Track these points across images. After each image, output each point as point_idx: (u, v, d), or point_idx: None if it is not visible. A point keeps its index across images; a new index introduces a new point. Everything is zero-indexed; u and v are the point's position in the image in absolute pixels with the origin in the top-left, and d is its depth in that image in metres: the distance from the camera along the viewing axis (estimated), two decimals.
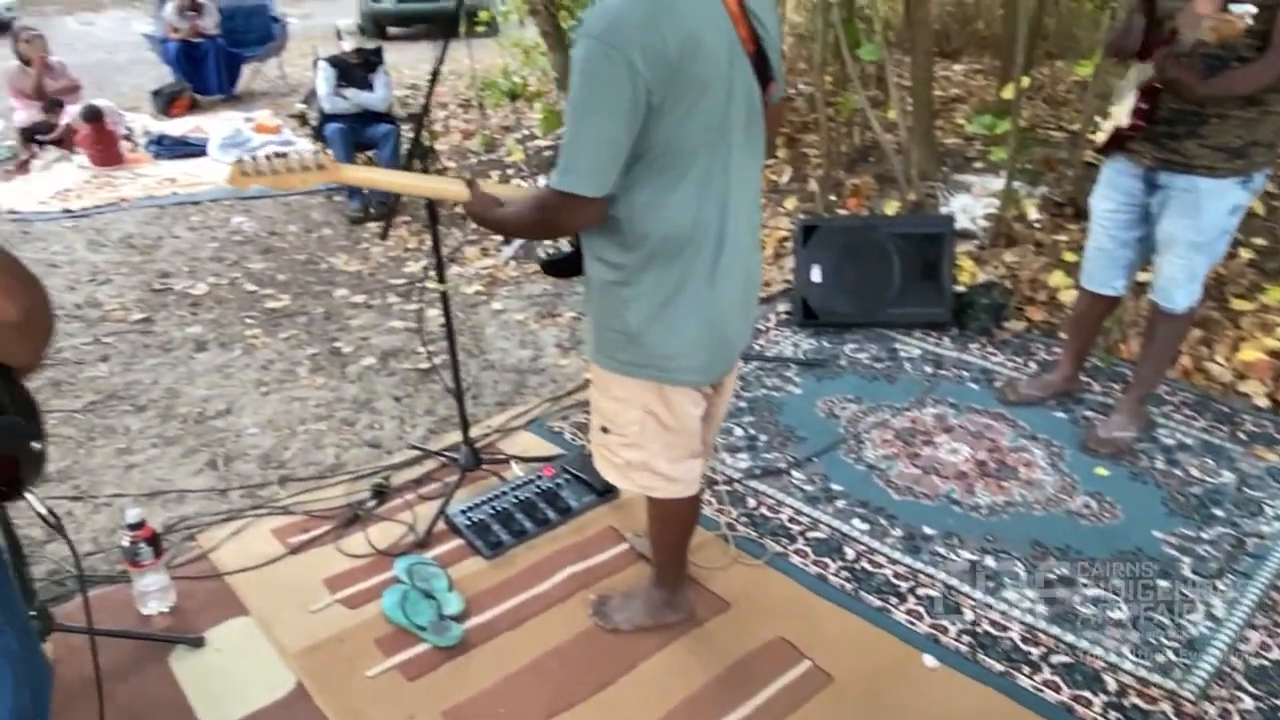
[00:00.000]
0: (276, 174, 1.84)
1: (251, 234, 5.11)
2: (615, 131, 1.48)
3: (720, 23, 1.51)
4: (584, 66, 1.46)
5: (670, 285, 1.65)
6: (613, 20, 1.43)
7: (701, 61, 1.48)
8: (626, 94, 1.45)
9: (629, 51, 1.42)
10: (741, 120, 1.60)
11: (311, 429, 3.06)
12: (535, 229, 1.78)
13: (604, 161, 1.51)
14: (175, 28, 7.86)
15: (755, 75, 1.60)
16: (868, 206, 4.55)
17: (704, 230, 1.62)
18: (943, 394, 3.13)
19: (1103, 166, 2.73)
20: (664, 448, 1.84)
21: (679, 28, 1.44)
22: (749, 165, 1.67)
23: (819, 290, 3.54)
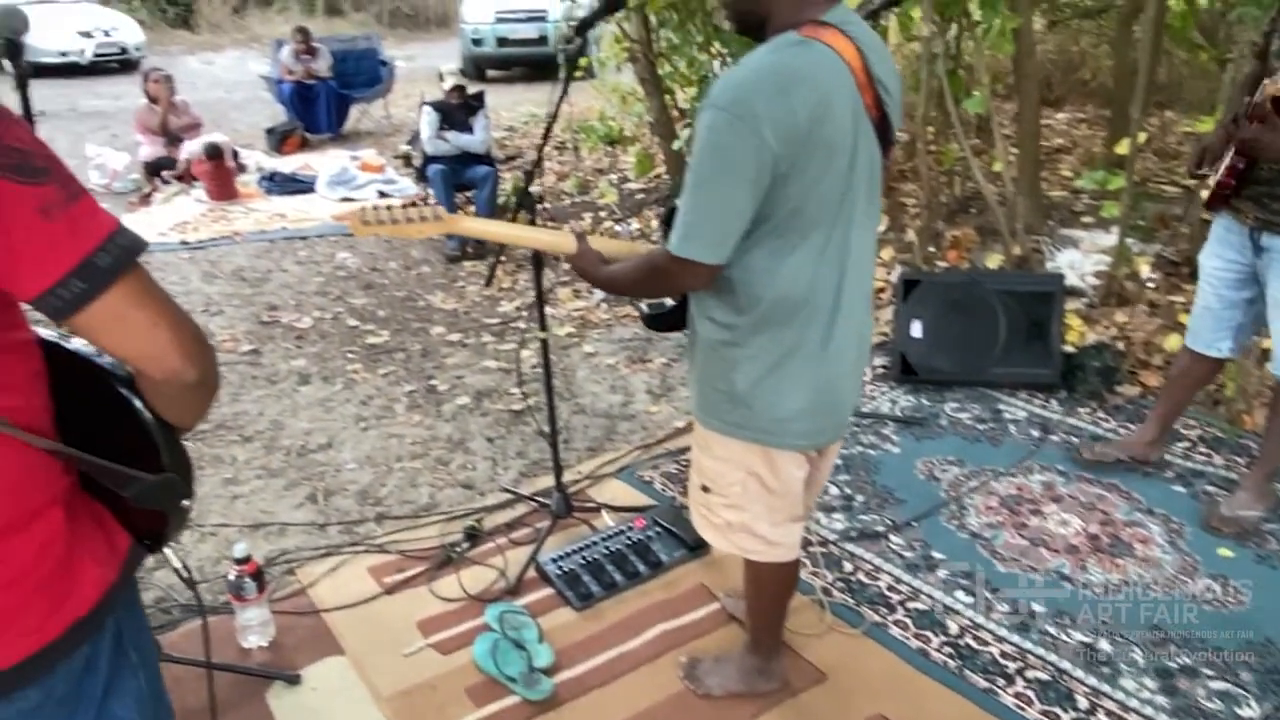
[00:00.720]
0: (396, 224, 1.88)
1: (354, 269, 5.28)
2: (740, 201, 1.48)
3: (847, 90, 1.49)
4: (711, 137, 1.46)
5: (782, 349, 1.62)
6: (744, 92, 1.43)
7: (829, 131, 1.46)
8: (753, 165, 1.44)
9: (759, 124, 1.41)
10: (863, 186, 1.57)
11: (407, 467, 3.11)
12: (644, 289, 1.78)
13: (728, 230, 1.50)
14: (291, 70, 8.26)
15: (878, 140, 1.57)
16: (968, 259, 4.44)
17: (820, 295, 1.59)
18: (1050, 460, 3.00)
19: (1213, 223, 2.62)
20: (766, 510, 1.80)
21: (809, 98, 1.43)
22: (867, 229, 1.64)
23: (919, 346, 3.45)
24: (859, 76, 1.51)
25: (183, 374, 0.93)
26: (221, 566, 2.56)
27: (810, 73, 1.44)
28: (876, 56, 1.54)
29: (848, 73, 1.49)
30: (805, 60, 1.45)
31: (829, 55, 1.47)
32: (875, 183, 1.61)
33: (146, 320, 0.89)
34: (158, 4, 17.44)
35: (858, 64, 1.51)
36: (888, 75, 1.58)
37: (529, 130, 8.94)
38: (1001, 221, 4.05)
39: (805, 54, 1.46)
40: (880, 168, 1.61)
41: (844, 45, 1.49)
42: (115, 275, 0.86)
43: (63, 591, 0.98)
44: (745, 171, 1.45)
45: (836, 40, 1.49)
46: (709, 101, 1.46)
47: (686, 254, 1.51)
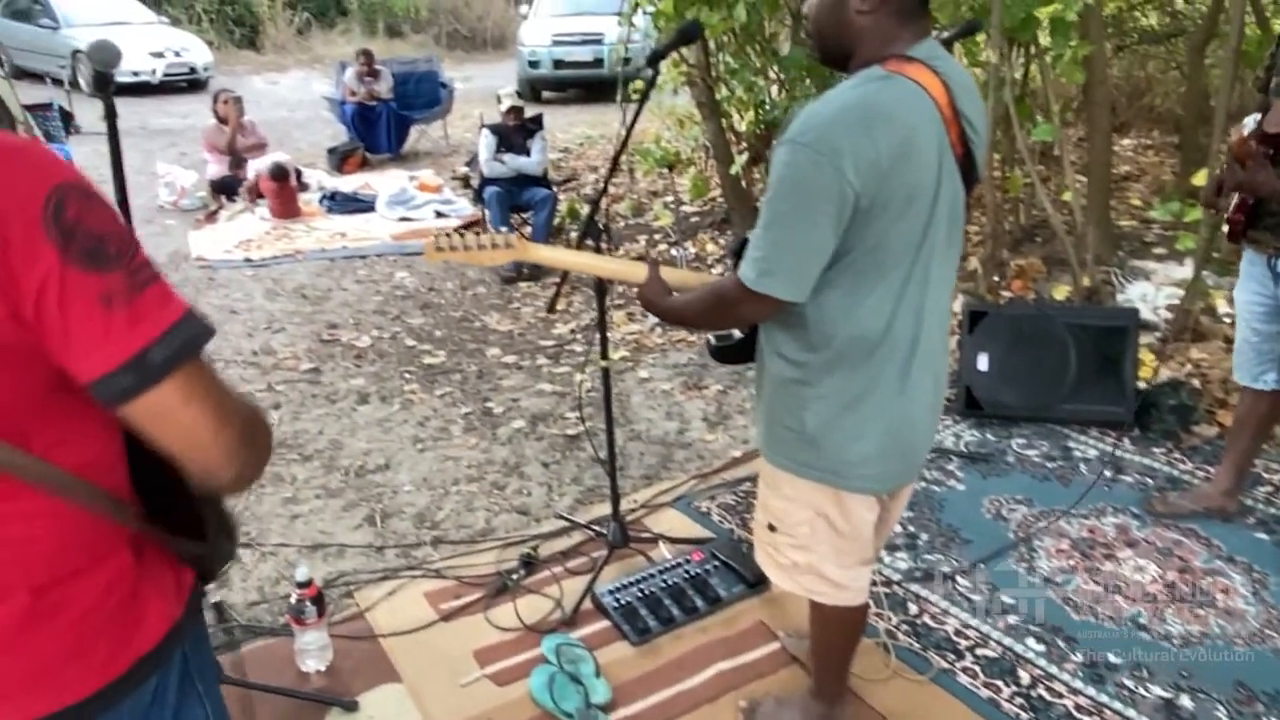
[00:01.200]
0: (469, 250, 1.89)
1: (412, 289, 5.34)
2: (819, 238, 1.44)
3: (932, 127, 1.45)
4: (790, 173, 1.43)
5: (855, 390, 1.58)
6: (826, 128, 1.40)
7: (912, 168, 1.42)
8: (833, 202, 1.41)
9: (840, 160, 1.38)
10: (944, 224, 1.53)
11: (463, 490, 3.11)
12: (709, 320, 1.76)
13: (806, 267, 1.47)
14: (354, 91, 8.42)
15: (961, 177, 1.53)
16: (1034, 289, 4.34)
17: (898, 335, 1.55)
18: (1123, 502, 2.89)
19: (1242, 256, 2.60)
20: (834, 552, 1.75)
21: (893, 134, 1.39)
22: (947, 267, 1.60)
23: (985, 380, 3.36)
24: (945, 113, 1.47)
25: (218, 474, 0.91)
26: (281, 587, 2.57)
27: (894, 109, 1.41)
28: (964, 92, 1.51)
29: (933, 109, 1.45)
30: (889, 96, 1.42)
31: (914, 91, 1.44)
32: (957, 220, 1.57)
33: (190, 420, 0.87)
34: (225, 26, 17.96)
35: (944, 100, 1.47)
36: (974, 112, 1.54)
37: (583, 152, 9.00)
38: (1070, 251, 3.95)
39: (890, 89, 1.43)
40: (963, 205, 1.56)
41: (930, 81, 1.46)
42: (166, 371, 0.83)
43: (131, 627, 1.00)
44: (825, 208, 1.41)
45: (923, 75, 1.45)
46: (789, 136, 1.43)
47: (766, 289, 1.48)
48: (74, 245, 0.78)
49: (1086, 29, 4.11)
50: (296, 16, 18.75)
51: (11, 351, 0.81)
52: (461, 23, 20.59)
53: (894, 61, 1.45)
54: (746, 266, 1.50)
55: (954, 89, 1.48)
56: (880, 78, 1.43)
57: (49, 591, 0.93)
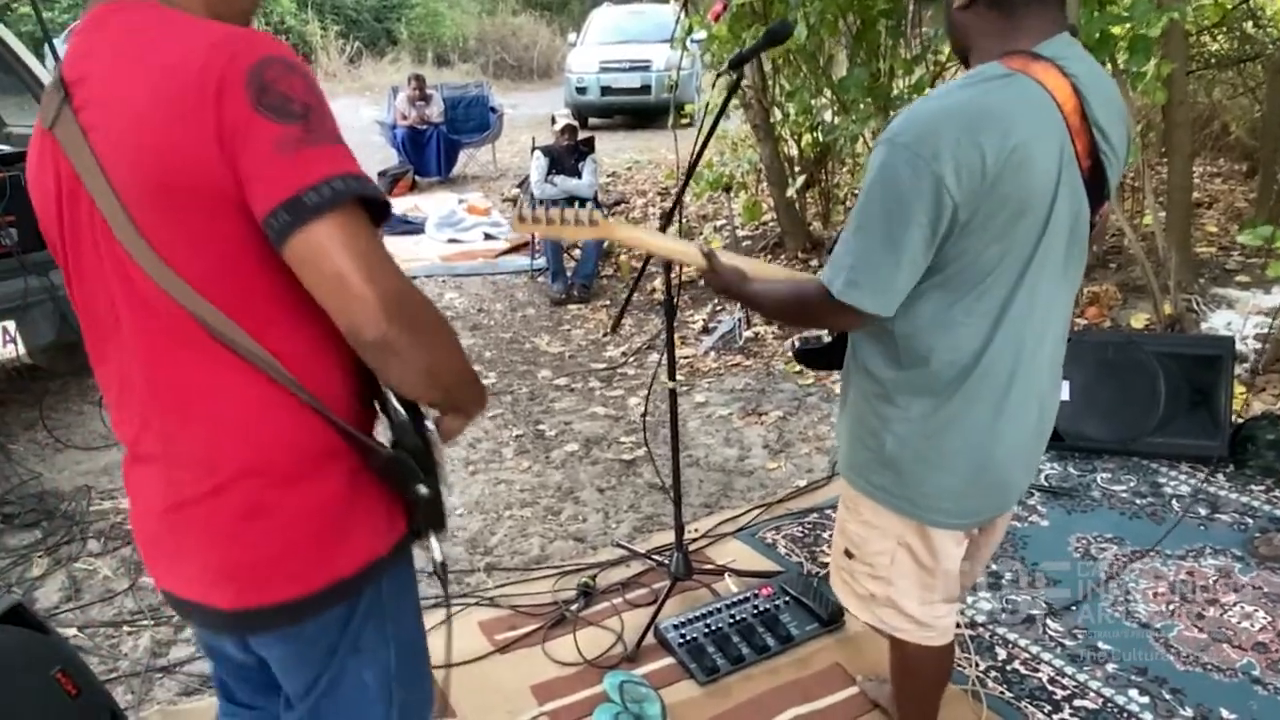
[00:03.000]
0: (553, 224, 1.79)
1: (462, 310, 5.28)
2: (912, 249, 1.31)
3: (1054, 134, 1.31)
4: (885, 174, 1.30)
5: (943, 416, 1.43)
6: (926, 128, 1.28)
7: (1024, 180, 1.29)
8: (930, 211, 1.28)
9: (940, 166, 1.25)
10: (1060, 246, 1.38)
11: (517, 515, 2.99)
12: (790, 318, 1.65)
13: (896, 279, 1.34)
14: (405, 115, 8.48)
15: (1087, 194, 1.39)
16: (1109, 317, 4.14)
17: (994, 362, 1.40)
18: (1222, 542, 2.68)
19: None
20: (917, 587, 1.60)
21: (1004, 141, 1.26)
22: (1061, 294, 1.45)
23: (1067, 410, 3.17)
24: (1071, 120, 1.33)
25: (361, 331, 0.93)
26: None
27: (1007, 111, 1.27)
28: (1099, 99, 1.36)
29: (1057, 114, 1.31)
30: (1003, 97, 1.29)
31: (1035, 93, 1.30)
32: (1078, 241, 1.42)
33: (337, 267, 0.90)
34: None
35: (1071, 105, 1.33)
36: (1110, 120, 1.38)
37: (631, 176, 8.96)
38: (1150, 278, 3.76)
39: (1005, 90, 1.29)
40: (1087, 224, 1.42)
41: (1056, 82, 1.32)
42: (318, 213, 0.89)
43: (332, 549, 1.06)
44: (920, 217, 1.28)
45: (1048, 76, 1.32)
46: (886, 136, 1.31)
47: (851, 299, 1.35)
48: (264, 99, 0.89)
49: (1167, 48, 3.95)
50: (349, 45, 19.12)
51: (225, 198, 0.91)
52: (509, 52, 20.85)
53: (1017, 59, 1.32)
54: (831, 272, 1.38)
55: (1086, 94, 1.34)
56: (996, 77, 1.30)
57: (263, 490, 1.02)
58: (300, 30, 18.79)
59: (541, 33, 21.32)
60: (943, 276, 1.36)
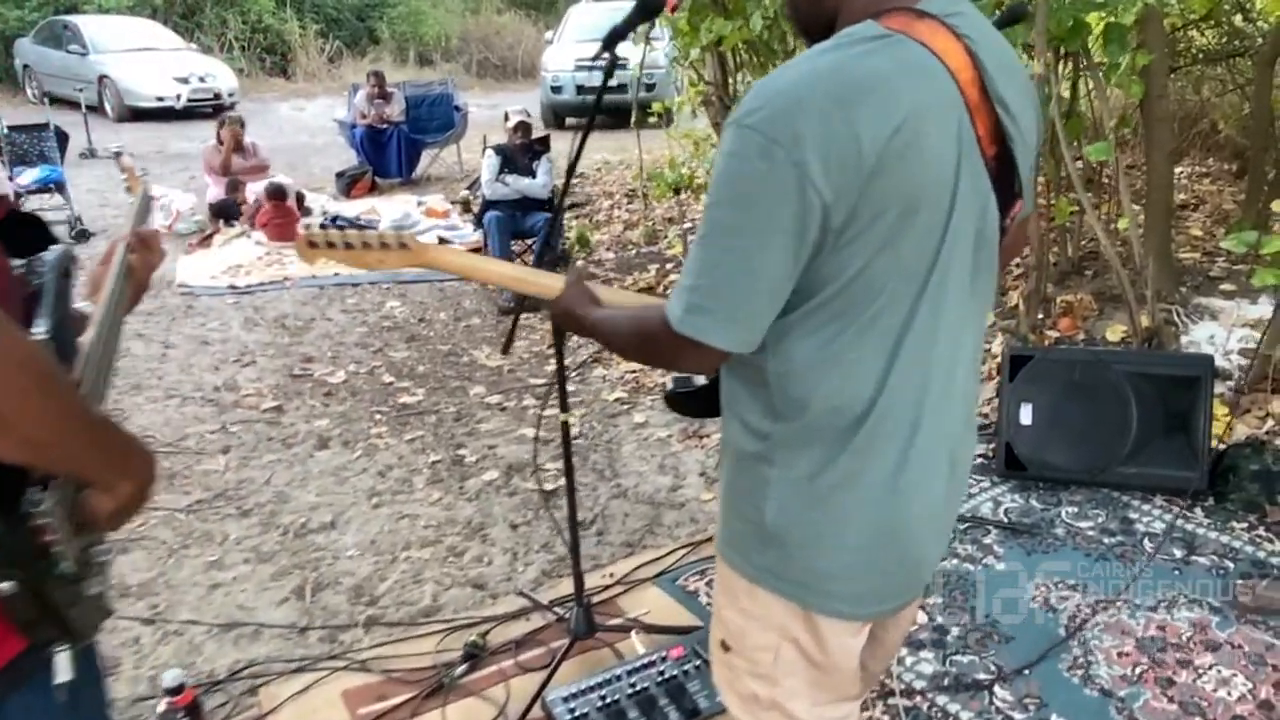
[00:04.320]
0: (350, 249, 1.46)
1: (401, 319, 4.96)
2: (773, 264, 1.00)
3: (949, 110, 1.01)
4: (732, 170, 1.00)
5: (833, 477, 1.12)
6: (783, 105, 0.97)
7: (914, 168, 0.98)
8: (792, 213, 0.97)
9: (802, 153, 0.95)
10: (966, 254, 1.08)
11: (414, 557, 2.68)
12: (636, 356, 1.33)
13: (753, 305, 1.03)
14: (364, 114, 8.17)
15: (995, 190, 1.08)
16: (1084, 329, 3.84)
17: (893, 406, 1.09)
18: (1199, 588, 2.38)
19: None
20: (806, 687, 1.27)
21: (884, 117, 0.95)
22: (971, 316, 1.14)
23: (1029, 435, 2.87)
24: (968, 93, 1.03)
25: None
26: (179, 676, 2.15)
27: (886, 81, 0.97)
28: (1000, 69, 1.06)
29: (950, 85, 1.01)
30: (880, 64, 0.98)
31: (922, 58, 1.00)
32: (987, 249, 1.11)
33: None
34: (256, 54, 18.03)
35: (968, 74, 1.03)
36: (1017, 97, 1.08)
37: (601, 177, 8.65)
38: (1126, 287, 3.45)
39: (882, 55, 0.98)
40: (997, 228, 1.11)
41: (947, 45, 1.02)
42: None
43: None
44: (780, 221, 0.98)
45: (937, 38, 1.02)
46: (733, 117, 1.00)
47: (694, 332, 1.04)
48: None
49: (1144, 38, 3.65)
50: (328, 45, 18.78)
51: None
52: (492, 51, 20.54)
53: (896, 17, 1.01)
54: (674, 298, 1.07)
55: (985, 61, 1.04)
56: (871, 38, 1.00)
57: None
58: (279, 29, 18.45)
59: (526, 32, 20.99)
60: (818, 300, 1.05)
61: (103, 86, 13.09)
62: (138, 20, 15.51)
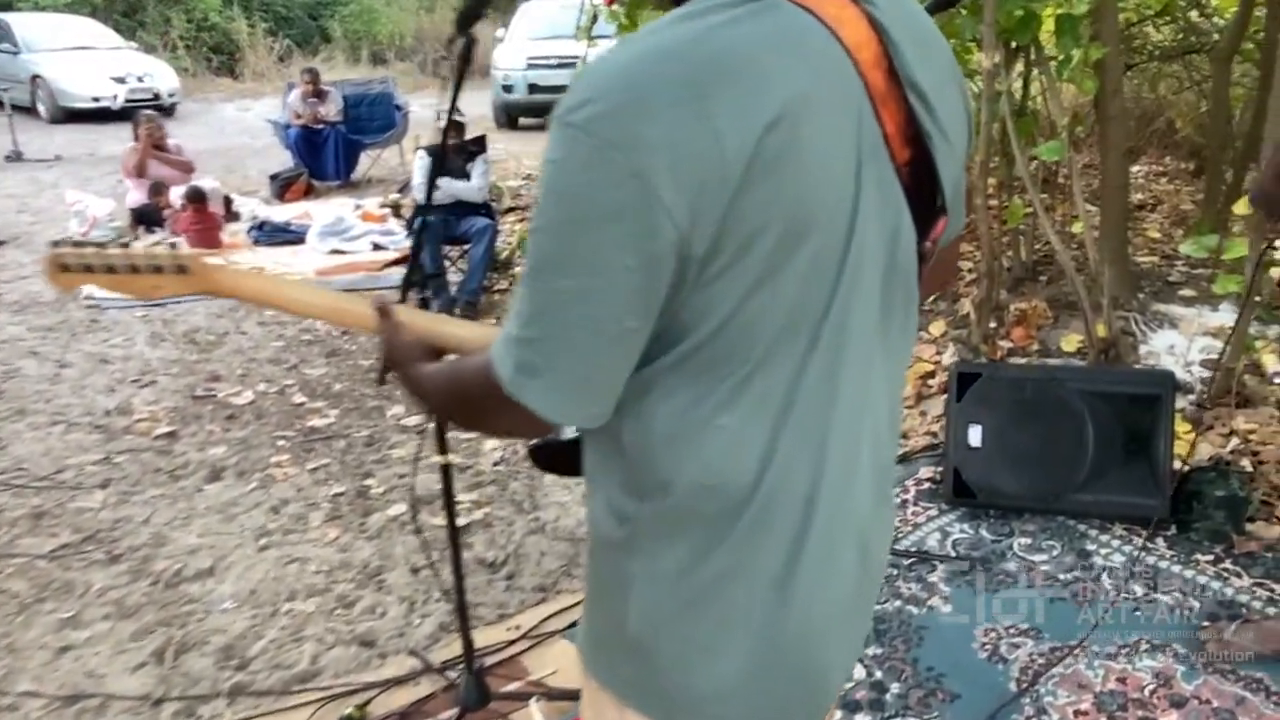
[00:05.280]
0: (113, 272, 1.16)
1: (323, 332, 4.65)
2: (617, 311, 0.75)
3: (843, 105, 0.76)
4: (556, 182, 0.74)
5: (708, 574, 0.86)
6: (618, 94, 0.71)
7: (796, 176, 0.73)
8: (636, 243, 0.72)
9: (642, 160, 0.70)
10: (872, 288, 0.83)
11: (297, 610, 2.39)
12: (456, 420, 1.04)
13: (597, 366, 0.78)
14: (298, 114, 7.81)
15: (910, 205, 0.83)
16: (1038, 339, 3.63)
17: (781, 484, 0.83)
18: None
19: None
20: None
21: (752, 112, 0.70)
22: (884, 364, 0.88)
23: (978, 459, 2.64)
24: (871, 78, 0.78)
25: None
26: None
27: (756, 63, 0.72)
28: (914, 44, 0.81)
29: (847, 68, 0.77)
30: (748, 37, 0.73)
31: (805, 31, 0.76)
32: (902, 281, 0.86)
33: None
34: (202, 53, 17.50)
35: (870, 52, 0.78)
36: (937, 81, 0.83)
37: None
38: (1082, 294, 3.25)
39: (751, 25, 0.73)
40: (914, 253, 0.86)
41: (843, 14, 0.77)
42: None
43: None
44: (621, 252, 0.72)
45: (827, 4, 0.77)
46: (559, 111, 0.74)
47: (524, 398, 0.78)
48: None
49: (1098, 30, 3.45)
50: (278, 43, 18.28)
51: None
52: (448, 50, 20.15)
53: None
54: (501, 347, 0.80)
55: (895, 37, 0.79)
56: (735, 2, 0.74)
57: None
58: (225, 28, 17.93)
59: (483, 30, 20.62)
60: (680, 351, 0.79)
61: (35, 86, 12.58)
62: (74, 18, 14.96)
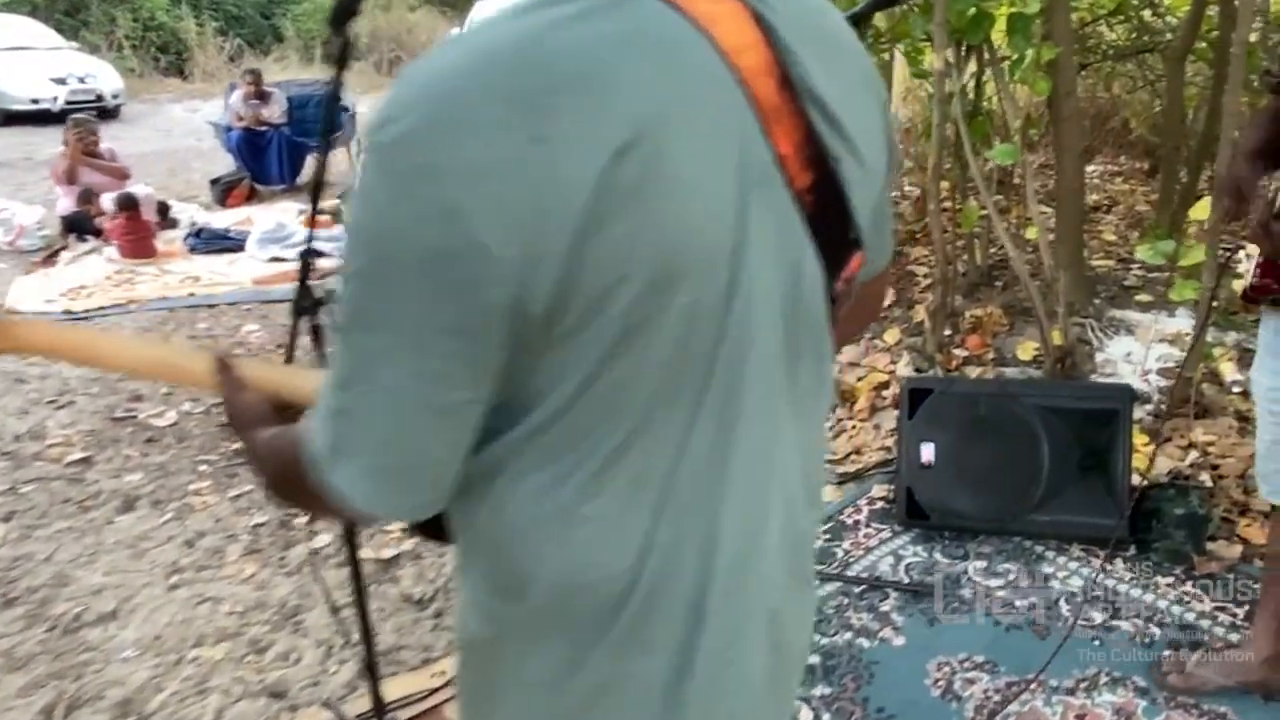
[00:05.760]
0: None
1: (258, 345, 4.44)
2: (440, 383, 0.61)
3: (719, 122, 0.62)
4: (362, 218, 0.60)
5: (584, 684, 0.72)
6: (431, 110, 0.57)
7: (659, 217, 0.59)
8: (456, 298, 0.58)
9: (460, 194, 0.56)
10: (769, 341, 0.69)
11: (204, 657, 2.21)
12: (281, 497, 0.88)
13: (418, 449, 0.64)
14: (240, 115, 7.55)
15: (816, 240, 0.69)
16: (994, 346, 3.54)
17: (666, 577, 0.69)
18: (1122, 665, 2.06)
19: (1260, 323, 1.83)
20: None
21: (599, 133, 0.56)
22: (795, 426, 0.74)
23: (931, 479, 2.53)
24: (758, 88, 0.64)
25: None
26: None
27: (603, 71, 0.58)
28: (814, 44, 0.67)
29: (723, 76, 0.62)
30: (592, 39, 0.59)
31: (668, 30, 0.61)
32: (809, 329, 0.72)
33: None
34: (149, 53, 17.03)
35: (756, 59, 0.64)
36: (845, 90, 0.69)
37: None
38: (1037, 301, 3.15)
39: (596, 24, 0.59)
40: (821, 297, 0.71)
41: (718, 10, 0.63)
42: None
43: None
44: (435, 307, 0.58)
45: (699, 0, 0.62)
46: (366, 130, 0.60)
47: (331, 478, 0.64)
48: None
49: (1050, 29, 3.37)
50: (228, 43, 17.85)
51: None
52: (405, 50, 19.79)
53: None
54: (316, 418, 0.66)
55: (788, 38, 0.65)
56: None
57: None
58: (173, 27, 17.46)
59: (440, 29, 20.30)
60: (531, 425, 0.65)
61: None
62: (11, 17, 14.45)
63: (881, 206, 0.81)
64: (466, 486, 0.69)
